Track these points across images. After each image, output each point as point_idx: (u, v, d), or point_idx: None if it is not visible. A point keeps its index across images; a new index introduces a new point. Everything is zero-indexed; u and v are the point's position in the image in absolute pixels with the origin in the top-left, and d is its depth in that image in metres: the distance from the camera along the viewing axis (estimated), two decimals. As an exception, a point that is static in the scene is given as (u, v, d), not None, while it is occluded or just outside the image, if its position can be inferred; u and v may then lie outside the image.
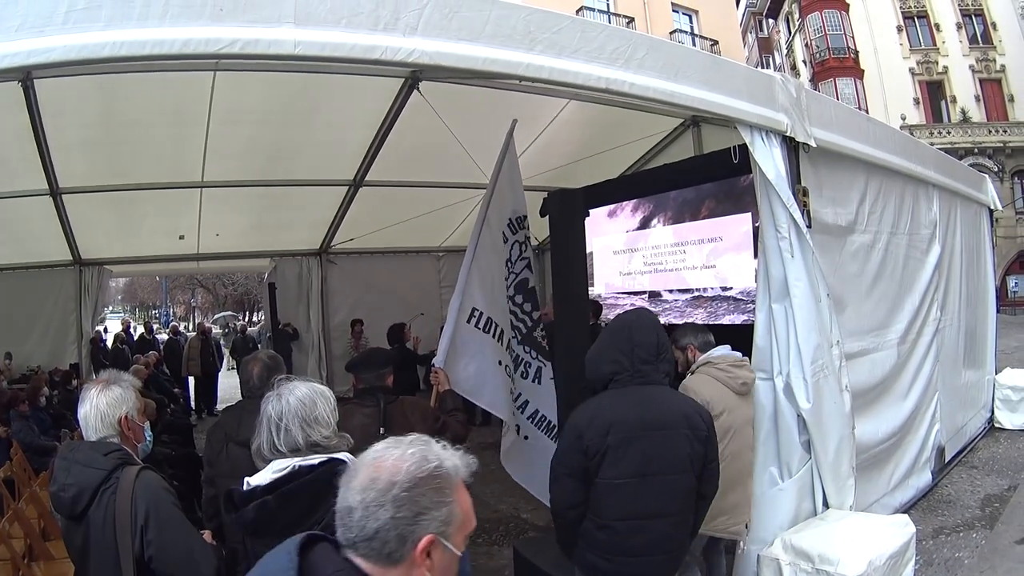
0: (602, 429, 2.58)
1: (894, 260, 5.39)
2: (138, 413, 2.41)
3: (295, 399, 2.07)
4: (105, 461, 2.19)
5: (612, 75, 3.29)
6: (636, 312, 2.96)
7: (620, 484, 2.59)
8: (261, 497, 1.95)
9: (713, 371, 3.70)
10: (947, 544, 4.91)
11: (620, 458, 2.57)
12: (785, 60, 35.64)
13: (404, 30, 2.63)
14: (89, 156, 6.46)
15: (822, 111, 4.53)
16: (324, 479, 1.88)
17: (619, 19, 25.62)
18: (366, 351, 4.27)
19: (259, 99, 5.68)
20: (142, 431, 2.42)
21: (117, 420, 2.30)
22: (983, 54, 29.71)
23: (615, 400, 2.67)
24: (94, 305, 9.95)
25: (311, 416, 2.06)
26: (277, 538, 1.60)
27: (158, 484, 2.23)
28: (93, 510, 2.15)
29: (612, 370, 2.71)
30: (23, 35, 2.30)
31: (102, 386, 2.34)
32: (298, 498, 1.93)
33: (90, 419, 2.28)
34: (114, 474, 2.18)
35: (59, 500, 2.20)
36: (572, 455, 2.64)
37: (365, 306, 10.74)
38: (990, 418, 8.07)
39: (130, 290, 47.77)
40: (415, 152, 7.21)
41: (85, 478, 2.17)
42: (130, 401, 2.36)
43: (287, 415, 2.04)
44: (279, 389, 2.12)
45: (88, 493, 2.15)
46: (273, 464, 2.03)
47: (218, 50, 2.35)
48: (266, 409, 2.08)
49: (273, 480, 1.99)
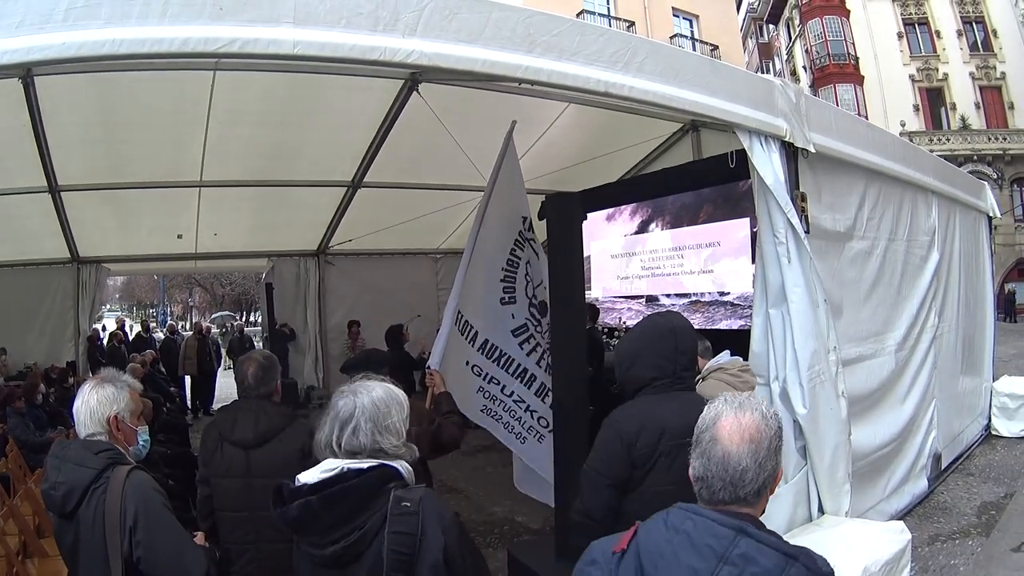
0: (654, 437, 2.50)
1: (892, 267, 5.39)
2: (131, 415, 2.38)
3: (370, 400, 1.98)
4: (96, 460, 2.18)
5: (611, 78, 3.28)
6: (674, 315, 2.85)
7: (670, 491, 2.51)
8: (306, 496, 1.90)
9: (725, 376, 3.82)
10: (943, 551, 4.90)
11: (671, 465, 2.48)
12: (785, 66, 35.73)
13: (403, 31, 2.63)
14: (88, 154, 6.48)
15: (822, 116, 4.53)
16: (370, 484, 1.89)
17: (619, 23, 25.66)
18: (363, 352, 4.29)
19: (259, 99, 5.70)
20: (134, 434, 2.39)
21: (106, 419, 2.28)
22: (983, 61, 29.80)
23: (659, 406, 2.57)
24: (91, 303, 9.98)
25: (383, 423, 1.97)
26: (320, 537, 1.88)
27: (148, 484, 2.22)
28: (83, 509, 2.15)
29: (654, 375, 2.61)
30: (23, 32, 2.30)
31: (97, 383, 2.33)
32: (343, 501, 1.89)
33: (80, 414, 2.28)
34: (104, 473, 2.17)
35: (50, 498, 2.20)
36: (618, 465, 2.52)
37: (362, 307, 10.74)
38: (987, 425, 8.06)
39: (128, 289, 47.75)
40: (414, 154, 7.23)
41: (76, 476, 2.16)
42: (122, 402, 2.34)
43: (359, 415, 1.96)
44: (354, 386, 2.03)
45: (78, 492, 2.14)
46: (324, 463, 1.96)
47: (217, 49, 2.35)
48: (336, 404, 1.99)
49: (320, 480, 1.92)
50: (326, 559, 1.89)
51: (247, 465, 2.99)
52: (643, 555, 1.58)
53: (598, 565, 1.67)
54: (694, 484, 1.67)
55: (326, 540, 1.88)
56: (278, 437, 3.06)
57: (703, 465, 1.63)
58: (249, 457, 3.00)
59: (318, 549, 1.90)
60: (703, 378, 3.88)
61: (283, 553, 2.14)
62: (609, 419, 2.63)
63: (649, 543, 1.59)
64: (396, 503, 1.87)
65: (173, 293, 46.47)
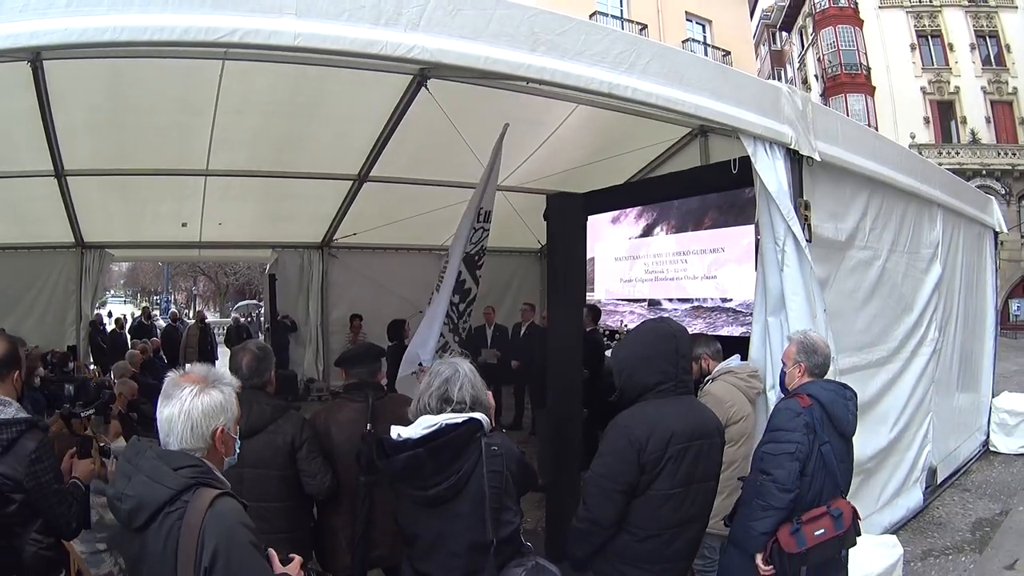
0: (663, 441, 2.50)
1: (892, 278, 5.36)
2: (235, 424, 2.03)
3: (468, 367, 2.49)
4: (174, 478, 1.80)
5: (615, 79, 3.28)
6: (671, 322, 2.85)
7: (673, 494, 2.53)
8: (413, 449, 2.28)
9: (733, 379, 3.96)
10: (935, 567, 4.89)
11: (677, 469, 2.51)
12: (797, 74, 35.59)
13: (406, 26, 2.63)
14: (95, 139, 6.50)
15: (828, 125, 4.52)
16: (466, 435, 2.33)
17: (632, 25, 25.62)
18: (358, 346, 4.29)
19: (267, 90, 5.70)
20: (234, 443, 2.02)
21: (212, 433, 1.91)
22: (996, 76, 29.58)
23: (665, 410, 2.57)
24: (94, 288, 10.01)
25: (476, 382, 2.46)
26: (424, 481, 2.29)
27: (235, 517, 1.82)
28: (152, 530, 1.79)
29: (657, 380, 2.60)
30: (27, 16, 2.32)
31: (200, 387, 1.92)
32: (444, 451, 2.29)
33: (176, 426, 1.87)
34: (183, 496, 1.79)
35: (114, 507, 1.86)
36: (627, 470, 2.50)
37: (365, 301, 10.73)
38: (985, 441, 8.03)
39: (132, 275, 47.93)
40: (420, 150, 7.23)
41: (148, 493, 1.80)
42: (231, 410, 1.98)
43: (462, 377, 2.44)
44: (451, 360, 2.54)
45: (148, 511, 1.79)
46: (422, 420, 2.35)
47: (218, 39, 2.36)
48: (441, 371, 2.46)
49: (424, 435, 2.30)
50: (429, 499, 2.31)
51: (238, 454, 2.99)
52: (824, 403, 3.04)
53: (801, 416, 2.97)
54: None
55: (430, 484, 2.29)
56: (269, 428, 3.07)
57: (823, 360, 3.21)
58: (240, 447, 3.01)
59: (421, 491, 2.31)
60: (713, 379, 4.00)
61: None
62: (617, 424, 2.59)
63: (821, 395, 3.05)
64: (488, 448, 2.34)
65: (177, 281, 46.59)
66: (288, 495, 3.12)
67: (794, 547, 2.86)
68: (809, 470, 2.92)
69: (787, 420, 2.97)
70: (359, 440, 3.20)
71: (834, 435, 3.02)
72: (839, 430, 3.05)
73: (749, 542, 2.95)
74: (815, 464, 2.94)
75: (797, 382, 3.21)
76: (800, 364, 3.21)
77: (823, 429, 2.98)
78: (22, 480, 2.53)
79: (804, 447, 2.91)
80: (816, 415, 2.98)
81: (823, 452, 2.95)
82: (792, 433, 2.93)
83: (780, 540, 2.88)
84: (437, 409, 2.39)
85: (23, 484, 2.54)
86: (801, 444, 2.90)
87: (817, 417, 2.97)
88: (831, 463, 2.98)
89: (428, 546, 2.37)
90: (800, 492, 2.90)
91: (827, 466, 2.97)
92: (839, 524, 2.94)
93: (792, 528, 2.89)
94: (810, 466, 2.92)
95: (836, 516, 2.94)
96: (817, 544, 2.88)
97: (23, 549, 2.61)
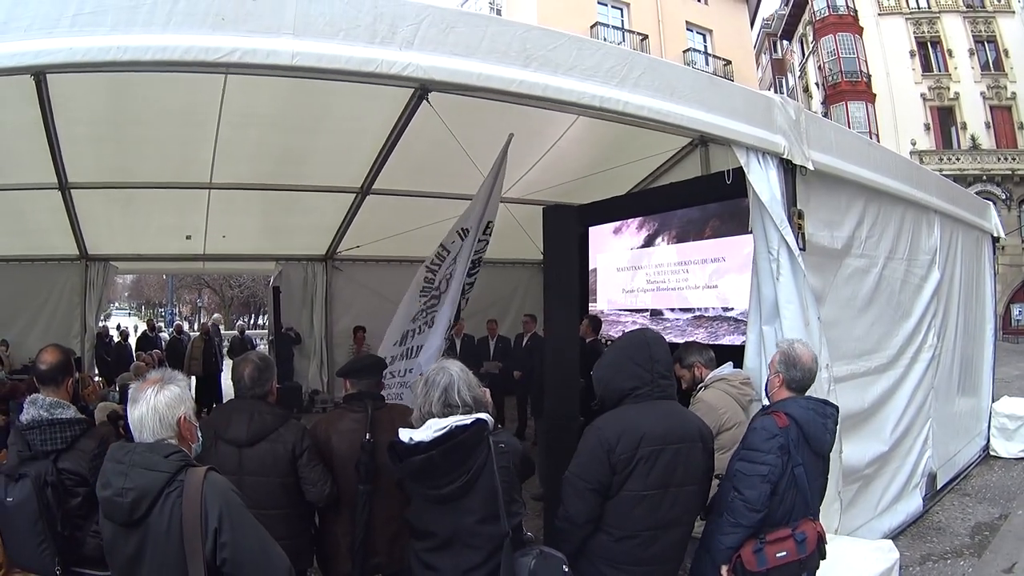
0: (633, 442, 2.61)
1: (890, 285, 5.39)
2: (193, 412, 2.33)
3: (459, 368, 2.59)
4: (167, 463, 2.09)
5: (607, 93, 3.33)
6: (647, 330, 3.00)
7: (646, 496, 2.63)
8: (427, 452, 2.39)
9: (725, 387, 4.02)
10: (934, 571, 4.90)
11: (648, 471, 2.62)
12: (798, 82, 35.66)
13: (401, 44, 2.69)
14: (99, 152, 6.55)
15: (822, 134, 4.56)
16: (475, 436, 2.43)
17: (633, 36, 25.73)
18: (361, 357, 4.33)
19: (270, 103, 5.74)
20: (196, 431, 2.31)
21: (176, 421, 2.20)
22: (995, 81, 29.63)
23: (640, 413, 2.70)
24: (98, 300, 10.09)
25: (472, 382, 2.57)
26: (436, 480, 2.40)
27: (226, 486, 2.15)
28: (154, 515, 2.06)
29: (633, 385, 2.73)
30: (32, 35, 2.38)
31: (158, 386, 2.22)
32: (456, 452, 2.40)
33: (147, 420, 2.16)
34: (178, 477, 2.08)
35: (114, 505, 2.08)
36: (599, 470, 2.64)
37: (368, 313, 10.68)
38: (985, 446, 8.04)
39: (137, 287, 48.04)
40: (423, 162, 7.26)
41: (147, 482, 2.06)
42: (188, 401, 2.28)
43: (457, 380, 2.54)
44: (441, 364, 2.62)
45: (150, 497, 2.05)
46: (430, 424, 2.45)
47: (218, 59, 2.41)
48: (436, 379, 2.54)
49: (435, 437, 2.41)
50: (442, 497, 2.42)
51: (239, 463, 3.05)
52: (800, 422, 2.99)
53: (776, 438, 2.92)
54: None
55: (443, 483, 2.40)
56: (270, 437, 3.12)
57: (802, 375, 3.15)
58: (242, 455, 3.07)
59: (435, 490, 2.42)
60: (706, 387, 4.07)
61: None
62: (592, 426, 2.76)
63: (798, 413, 3.00)
64: (496, 446, 2.45)
65: (182, 293, 46.64)
66: (289, 502, 3.16)
67: (755, 566, 2.88)
68: (780, 490, 2.92)
69: (762, 441, 2.95)
70: (359, 449, 3.25)
71: (809, 455, 3.01)
72: (814, 449, 3.03)
73: (716, 553, 2.98)
74: (786, 483, 2.93)
75: (775, 393, 3.23)
76: (779, 375, 3.21)
77: (798, 450, 2.96)
78: (87, 475, 2.80)
79: (777, 469, 2.89)
80: (792, 435, 2.95)
81: (796, 473, 2.94)
82: (766, 455, 2.91)
83: (743, 556, 2.90)
84: (442, 415, 2.48)
85: (87, 479, 2.79)
86: (774, 467, 2.89)
87: (793, 438, 2.95)
88: (802, 484, 2.97)
89: (443, 541, 2.48)
90: (770, 511, 2.91)
91: (798, 486, 2.96)
92: (802, 548, 2.94)
93: (756, 547, 2.89)
94: (781, 486, 2.91)
95: (800, 541, 2.93)
96: (778, 566, 2.89)
97: (85, 541, 2.88)
